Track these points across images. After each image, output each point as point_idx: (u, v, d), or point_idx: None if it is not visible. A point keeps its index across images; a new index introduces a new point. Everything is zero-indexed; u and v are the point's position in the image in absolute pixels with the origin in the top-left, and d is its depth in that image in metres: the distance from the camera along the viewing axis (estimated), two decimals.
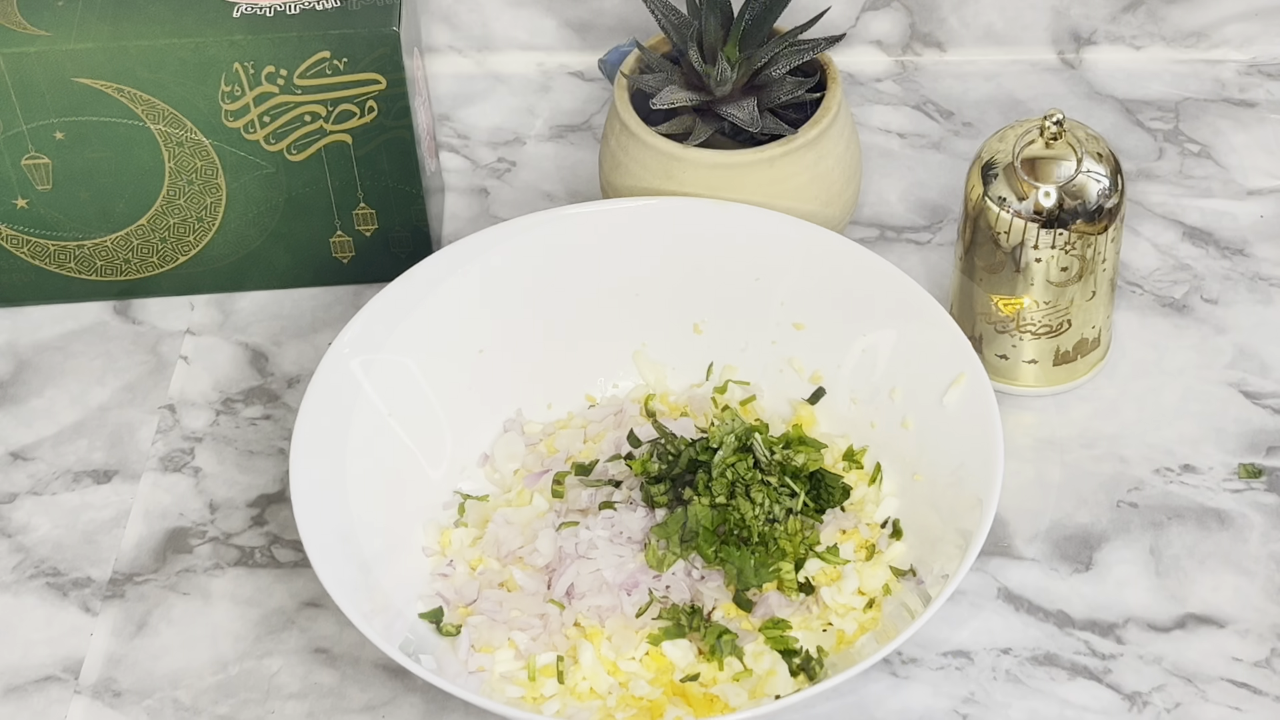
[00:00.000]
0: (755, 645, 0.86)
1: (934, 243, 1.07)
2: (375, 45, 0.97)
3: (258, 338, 1.04)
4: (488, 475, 0.95)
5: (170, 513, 0.96)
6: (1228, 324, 1.02)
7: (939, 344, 0.91)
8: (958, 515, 0.86)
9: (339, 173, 1.01)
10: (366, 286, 1.06)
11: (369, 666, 0.89)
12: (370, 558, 0.88)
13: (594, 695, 0.85)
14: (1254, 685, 0.87)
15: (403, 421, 0.93)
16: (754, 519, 0.88)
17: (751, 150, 0.96)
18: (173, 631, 0.91)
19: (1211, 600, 0.90)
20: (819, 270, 0.95)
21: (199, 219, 1.03)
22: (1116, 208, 0.93)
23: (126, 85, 0.97)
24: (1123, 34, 1.16)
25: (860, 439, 0.94)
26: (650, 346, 0.98)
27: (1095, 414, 0.98)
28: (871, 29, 1.16)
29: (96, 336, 1.05)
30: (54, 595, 0.93)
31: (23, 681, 0.89)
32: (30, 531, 0.95)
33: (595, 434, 0.96)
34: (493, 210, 1.10)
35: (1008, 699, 0.87)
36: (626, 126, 0.98)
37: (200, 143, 0.99)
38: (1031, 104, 1.15)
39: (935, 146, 1.13)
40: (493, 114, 1.16)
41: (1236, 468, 0.95)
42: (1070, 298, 0.95)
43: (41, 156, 0.99)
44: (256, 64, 0.97)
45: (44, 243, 1.03)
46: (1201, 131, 1.12)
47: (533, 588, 0.89)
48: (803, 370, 0.96)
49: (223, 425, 1.00)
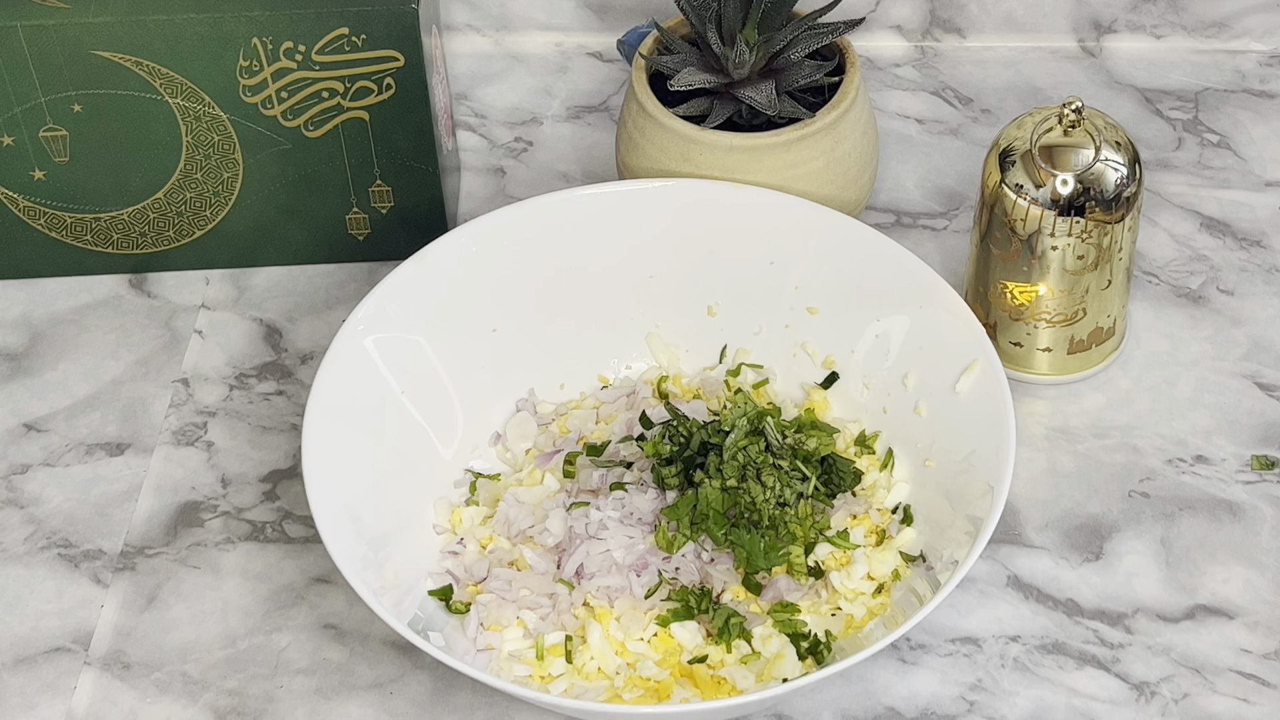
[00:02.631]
0: (764, 628, 0.86)
1: (950, 229, 1.07)
2: (394, 22, 0.96)
3: (272, 313, 1.04)
4: (499, 454, 0.95)
5: (182, 486, 0.96)
6: (1243, 315, 1.01)
7: (953, 330, 0.91)
8: (968, 502, 0.86)
9: (356, 150, 1.01)
10: (381, 264, 1.06)
11: (378, 643, 0.89)
12: (381, 535, 0.88)
13: (602, 675, 0.86)
14: (1262, 677, 0.87)
15: (415, 399, 0.93)
16: (764, 502, 0.88)
17: (768, 133, 0.96)
18: (183, 605, 0.91)
19: (1221, 592, 0.90)
20: (834, 255, 0.95)
21: (215, 194, 1.03)
22: (1134, 197, 0.93)
23: (145, 59, 0.97)
24: (1143, 23, 1.15)
25: (872, 424, 0.94)
26: (664, 328, 0.98)
27: (1108, 403, 0.98)
28: (891, 14, 1.16)
29: (111, 310, 1.05)
30: (65, 567, 0.93)
31: (33, 652, 0.90)
32: (42, 503, 0.96)
33: (607, 415, 0.96)
34: (509, 190, 1.10)
35: (1015, 687, 0.87)
36: (644, 108, 0.98)
37: (217, 117, 0.99)
38: (1050, 91, 1.14)
39: (953, 133, 1.12)
40: (510, 94, 1.16)
41: (1249, 459, 0.95)
42: (1086, 286, 0.94)
43: (59, 129, 1.00)
44: (275, 39, 0.97)
45: (60, 215, 1.03)
46: (1221, 122, 1.12)
47: (542, 567, 0.89)
48: (816, 354, 0.96)
49: (236, 400, 1.00)
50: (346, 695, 0.88)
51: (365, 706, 0.87)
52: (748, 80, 0.97)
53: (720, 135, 0.96)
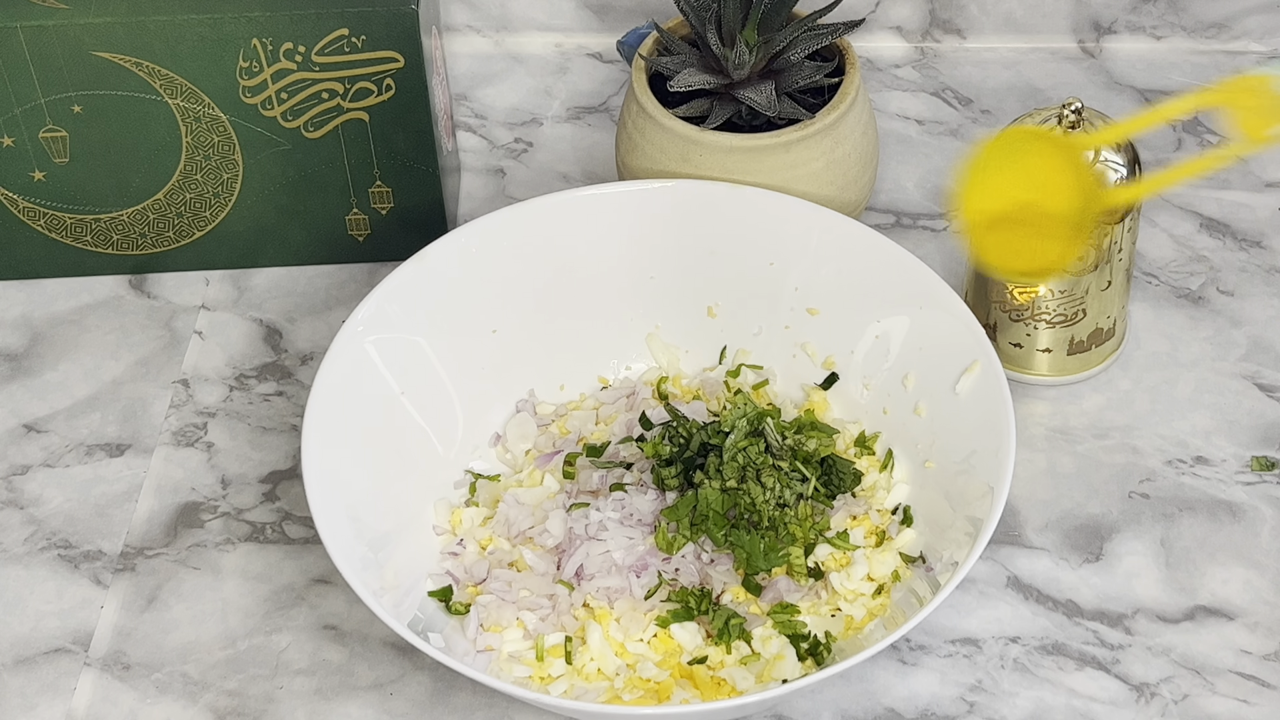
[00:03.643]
0: (763, 629, 0.86)
1: (950, 230, 1.07)
2: (394, 23, 0.97)
3: (272, 314, 1.04)
4: (499, 455, 0.95)
5: (182, 487, 0.96)
6: (1243, 316, 1.02)
7: (953, 331, 0.91)
8: (968, 503, 0.86)
9: (355, 150, 1.01)
10: (381, 265, 1.06)
11: (377, 644, 0.89)
12: (380, 535, 0.88)
13: (601, 676, 0.86)
14: (1262, 678, 0.87)
15: (415, 400, 0.93)
16: (764, 503, 0.88)
17: (768, 134, 0.96)
18: (183, 606, 0.91)
19: (1221, 593, 0.90)
20: (834, 256, 0.95)
21: (215, 194, 1.03)
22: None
23: (144, 60, 0.97)
24: (1143, 24, 1.15)
25: (872, 425, 0.94)
26: (664, 329, 0.98)
27: (1108, 404, 0.98)
28: (891, 15, 1.16)
29: (111, 310, 1.05)
30: (65, 568, 0.93)
31: (33, 653, 0.90)
32: (42, 504, 0.96)
33: (607, 416, 0.96)
34: (509, 191, 1.10)
35: (1015, 688, 0.87)
36: (644, 108, 0.98)
37: (217, 118, 1.00)
38: (1050, 92, 1.14)
39: (953, 133, 1.13)
40: (510, 94, 1.16)
41: (1249, 460, 0.95)
42: (1086, 287, 0.94)
43: (59, 130, 1.00)
44: (275, 40, 0.97)
45: (60, 216, 1.03)
46: (1220, 123, 1.12)
47: (542, 568, 0.89)
48: (816, 355, 0.96)
49: (236, 401, 1.00)
50: (346, 696, 0.88)
51: (365, 707, 0.87)
52: (747, 81, 0.97)
53: (720, 136, 0.96)
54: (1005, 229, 0.69)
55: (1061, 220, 0.67)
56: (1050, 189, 0.67)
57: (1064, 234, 0.67)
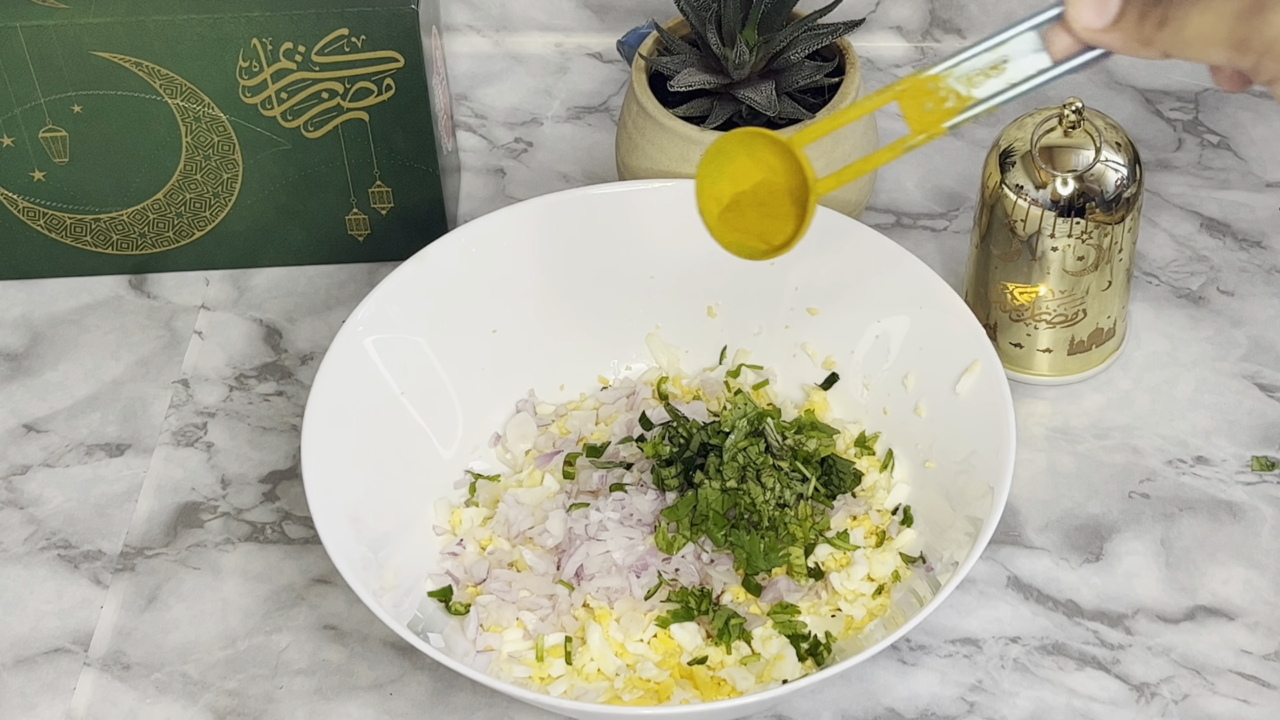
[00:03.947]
0: (763, 629, 0.86)
1: (950, 230, 1.07)
2: (394, 23, 0.96)
3: (272, 314, 1.04)
4: (499, 455, 0.95)
5: (182, 487, 0.96)
6: (1244, 316, 1.01)
7: (953, 331, 0.91)
8: (968, 503, 0.86)
9: (355, 150, 1.01)
10: (381, 265, 1.06)
11: (377, 644, 0.89)
12: (380, 535, 0.88)
13: (601, 676, 0.86)
14: (1262, 678, 0.87)
15: (415, 400, 0.93)
16: (764, 503, 0.88)
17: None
18: (182, 606, 0.91)
19: (1221, 593, 0.90)
20: (834, 256, 0.95)
21: (215, 194, 1.03)
22: (1134, 198, 0.93)
23: (144, 60, 0.97)
24: None
25: (872, 425, 0.94)
26: (664, 329, 0.98)
27: (1109, 404, 0.98)
28: (891, 14, 1.16)
29: (111, 310, 1.05)
30: (65, 567, 0.93)
31: (32, 653, 0.90)
32: (42, 504, 0.96)
33: (607, 416, 0.96)
34: (509, 191, 1.10)
35: (1015, 688, 0.87)
36: (644, 108, 0.98)
37: (217, 118, 0.99)
38: (1050, 92, 1.14)
39: (953, 133, 1.12)
40: (510, 94, 1.16)
41: (1249, 460, 0.95)
42: (1086, 287, 0.94)
43: (59, 130, 1.00)
44: (274, 40, 0.97)
45: (60, 216, 1.03)
46: (1221, 123, 1.12)
47: (542, 568, 0.89)
48: (816, 355, 0.96)
49: (236, 401, 1.00)
50: (346, 696, 0.88)
51: (365, 707, 0.87)
52: (747, 81, 0.97)
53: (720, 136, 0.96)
54: (737, 211, 0.75)
55: (786, 195, 0.74)
56: (775, 170, 0.73)
57: (790, 212, 0.73)
